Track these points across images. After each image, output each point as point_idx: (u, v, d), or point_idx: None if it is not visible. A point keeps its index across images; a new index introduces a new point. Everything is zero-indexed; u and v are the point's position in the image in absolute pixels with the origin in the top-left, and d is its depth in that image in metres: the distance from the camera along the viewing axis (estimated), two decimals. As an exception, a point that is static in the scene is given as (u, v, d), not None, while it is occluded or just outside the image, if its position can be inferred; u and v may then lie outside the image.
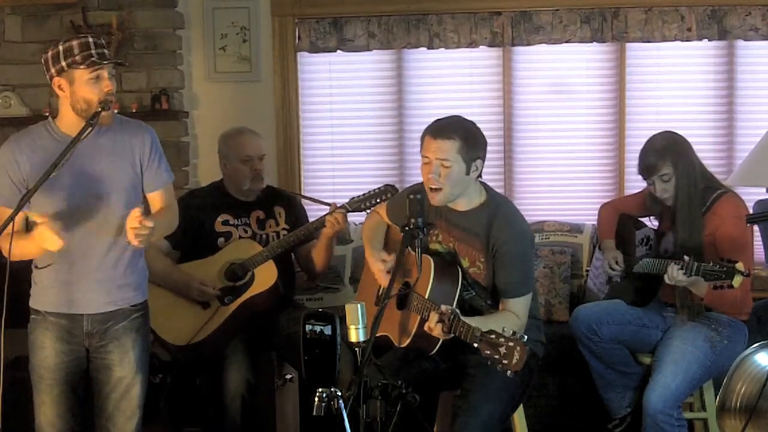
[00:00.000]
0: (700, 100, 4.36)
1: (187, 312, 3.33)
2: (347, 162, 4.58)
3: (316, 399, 2.24)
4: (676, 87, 4.36)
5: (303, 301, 4.00)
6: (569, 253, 4.14)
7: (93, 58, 2.48)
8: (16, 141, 2.59)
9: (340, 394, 2.23)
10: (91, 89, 2.50)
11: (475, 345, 2.42)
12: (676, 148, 3.15)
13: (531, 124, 4.47)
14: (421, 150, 2.79)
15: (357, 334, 2.32)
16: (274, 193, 3.65)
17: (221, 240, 3.45)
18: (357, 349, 2.35)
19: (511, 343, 2.34)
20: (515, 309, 2.74)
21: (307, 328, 2.32)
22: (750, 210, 3.36)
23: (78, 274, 2.61)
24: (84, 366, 2.68)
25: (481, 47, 4.37)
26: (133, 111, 4.25)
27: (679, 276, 2.87)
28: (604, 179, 4.46)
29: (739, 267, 2.76)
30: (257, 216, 3.53)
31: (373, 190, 3.33)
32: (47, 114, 3.21)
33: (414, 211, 2.59)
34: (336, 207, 3.35)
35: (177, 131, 4.40)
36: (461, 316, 2.51)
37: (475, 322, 2.50)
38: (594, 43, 4.33)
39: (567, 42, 4.30)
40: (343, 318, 2.33)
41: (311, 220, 3.56)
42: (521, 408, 2.97)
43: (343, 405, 2.22)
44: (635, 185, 4.10)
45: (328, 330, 2.29)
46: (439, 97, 4.44)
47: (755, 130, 4.05)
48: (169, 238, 3.19)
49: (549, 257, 4.11)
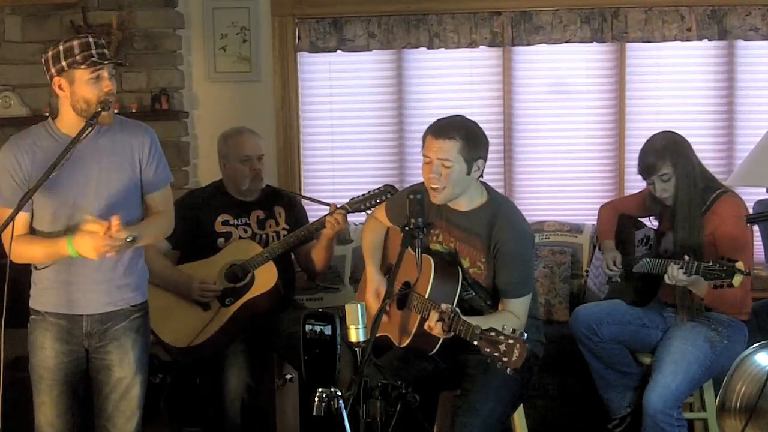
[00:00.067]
0: (700, 100, 4.36)
1: (188, 314, 3.32)
2: (347, 162, 4.57)
3: (316, 399, 2.24)
4: (676, 87, 4.36)
5: (303, 301, 4.00)
6: (569, 253, 4.14)
7: (93, 58, 2.48)
8: (17, 142, 2.59)
9: (340, 394, 2.23)
10: (92, 89, 2.49)
11: (475, 343, 2.42)
12: (675, 148, 3.14)
13: (531, 124, 4.47)
14: (423, 150, 2.79)
15: (357, 334, 2.33)
16: (274, 193, 3.64)
17: (221, 240, 3.44)
18: (357, 349, 2.35)
19: (511, 341, 2.34)
20: (515, 309, 2.74)
21: (307, 328, 2.32)
22: (750, 210, 3.36)
23: (77, 274, 2.60)
24: (84, 366, 2.68)
25: (481, 47, 4.36)
26: (133, 111, 4.25)
27: (680, 275, 2.87)
28: (604, 179, 4.46)
29: (740, 266, 2.76)
30: (257, 216, 3.53)
31: (373, 190, 3.33)
32: (47, 114, 3.21)
33: (414, 211, 2.59)
34: (336, 207, 3.35)
35: (177, 131, 4.40)
36: (461, 314, 2.51)
37: (475, 321, 2.50)
38: (594, 43, 4.33)
39: (567, 42, 4.30)
40: (343, 318, 2.34)
41: (311, 220, 3.56)
42: (521, 408, 2.97)
43: (343, 405, 2.22)
44: (635, 185, 4.10)
45: (328, 330, 2.29)
46: (439, 97, 4.44)
47: (755, 130, 4.05)
48: (169, 238, 3.18)
49: (549, 257, 4.10)
